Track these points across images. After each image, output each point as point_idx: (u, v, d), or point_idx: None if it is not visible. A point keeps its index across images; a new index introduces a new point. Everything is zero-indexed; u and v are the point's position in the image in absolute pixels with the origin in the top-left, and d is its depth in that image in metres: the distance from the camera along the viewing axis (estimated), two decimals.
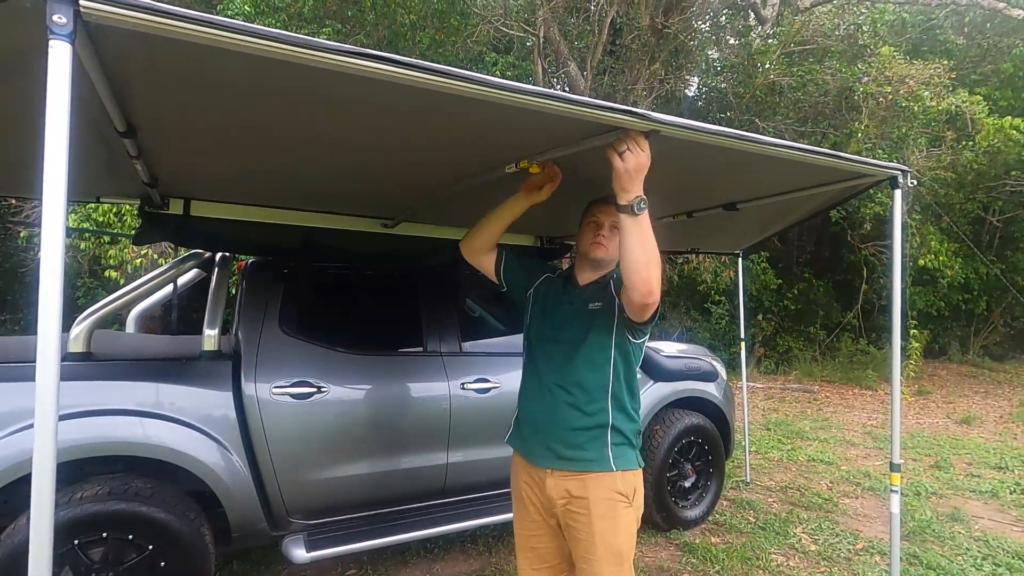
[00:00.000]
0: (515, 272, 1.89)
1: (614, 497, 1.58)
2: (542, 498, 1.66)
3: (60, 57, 0.88)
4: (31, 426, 0.93)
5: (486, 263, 1.89)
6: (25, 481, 1.83)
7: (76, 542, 1.94)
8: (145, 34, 0.94)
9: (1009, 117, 8.30)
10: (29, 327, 7.36)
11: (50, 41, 0.87)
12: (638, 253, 1.40)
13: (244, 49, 1.00)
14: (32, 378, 0.91)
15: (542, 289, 1.82)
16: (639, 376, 3.08)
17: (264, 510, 2.32)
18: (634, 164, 1.37)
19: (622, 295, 1.54)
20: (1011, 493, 4.31)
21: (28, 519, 0.92)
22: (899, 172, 2.02)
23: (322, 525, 2.46)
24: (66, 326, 2.22)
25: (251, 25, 0.99)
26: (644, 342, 1.71)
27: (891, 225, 2.15)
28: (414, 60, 1.11)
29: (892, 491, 2.17)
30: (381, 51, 1.10)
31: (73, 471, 2.01)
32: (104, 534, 1.97)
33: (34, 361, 0.91)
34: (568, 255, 4.02)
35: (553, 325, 1.72)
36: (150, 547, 2.03)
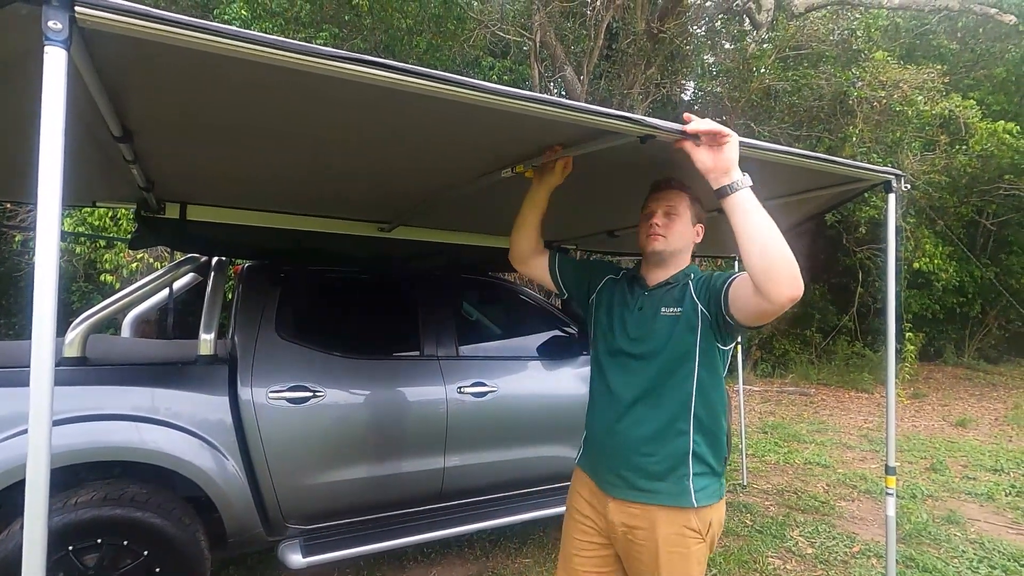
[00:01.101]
0: (572, 276, 1.72)
1: (685, 533, 1.40)
2: (602, 522, 1.51)
3: (56, 63, 0.88)
4: (25, 431, 0.93)
5: (537, 268, 1.74)
6: (19, 487, 1.82)
7: (71, 548, 1.92)
8: (141, 40, 0.94)
9: (1002, 121, 8.35)
10: (24, 332, 7.32)
11: (46, 47, 0.88)
12: (755, 238, 1.20)
13: (239, 55, 1.00)
14: (26, 383, 0.91)
15: (605, 293, 1.63)
16: None
17: (260, 515, 2.32)
18: (721, 155, 1.25)
19: (746, 298, 1.30)
20: (1006, 495, 4.32)
21: (22, 525, 0.91)
22: (893, 176, 2.03)
23: (319, 530, 2.46)
24: (61, 331, 2.22)
25: (246, 31, 0.99)
26: (729, 351, 1.48)
27: (885, 229, 2.16)
28: (410, 66, 1.11)
29: (887, 494, 2.17)
30: (378, 55, 1.10)
31: (68, 476, 2.00)
32: (99, 540, 1.97)
33: (28, 366, 0.91)
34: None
35: (624, 335, 1.51)
36: (145, 553, 2.02)
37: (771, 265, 1.21)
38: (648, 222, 1.54)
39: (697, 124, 1.29)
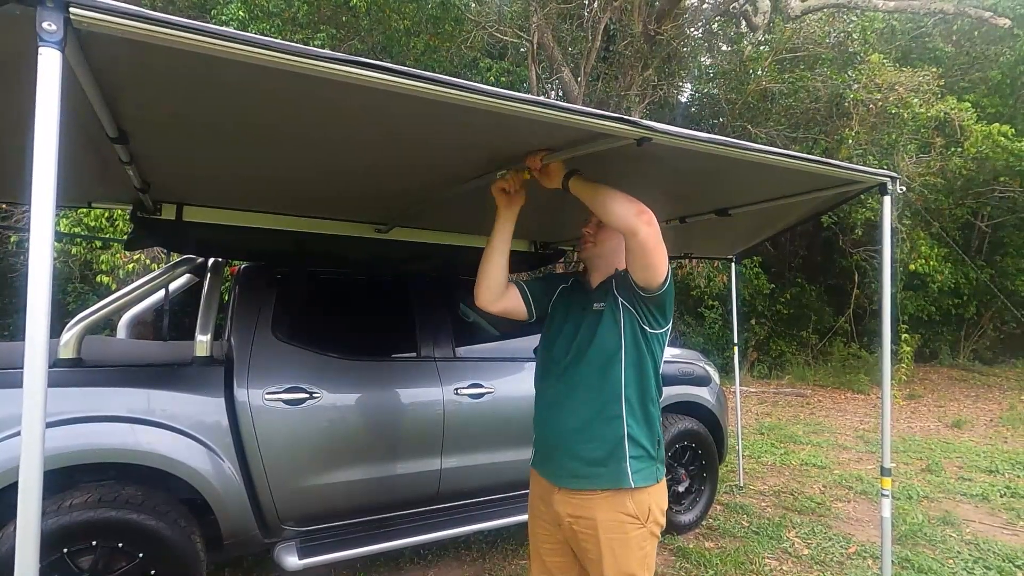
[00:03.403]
0: (541, 296, 1.78)
1: (623, 519, 1.50)
2: (550, 512, 1.62)
3: (50, 64, 0.88)
4: (19, 434, 0.92)
5: (509, 304, 1.71)
6: (12, 490, 1.81)
7: (65, 550, 1.91)
8: (136, 41, 0.94)
9: (997, 124, 8.41)
10: (18, 333, 7.28)
11: (40, 48, 0.87)
12: (598, 207, 1.49)
13: (235, 57, 1.00)
14: (20, 384, 0.90)
15: (559, 301, 1.77)
16: None
17: (256, 517, 2.31)
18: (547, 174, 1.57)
19: (631, 254, 1.49)
20: (1001, 496, 4.34)
21: (15, 528, 0.91)
22: (888, 179, 2.04)
23: (315, 532, 2.45)
24: (57, 332, 2.21)
25: (242, 33, 0.99)
26: (664, 333, 1.59)
27: (881, 231, 2.17)
28: (406, 68, 1.12)
29: (883, 495, 2.18)
30: (375, 57, 1.11)
31: (63, 479, 1.99)
32: (94, 542, 1.95)
33: (21, 367, 0.91)
34: (561, 260, 4.04)
35: (565, 333, 1.66)
36: (140, 555, 2.01)
37: (617, 214, 1.45)
38: (583, 233, 1.73)
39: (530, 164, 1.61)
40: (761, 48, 9.66)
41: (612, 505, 1.50)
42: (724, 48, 10.84)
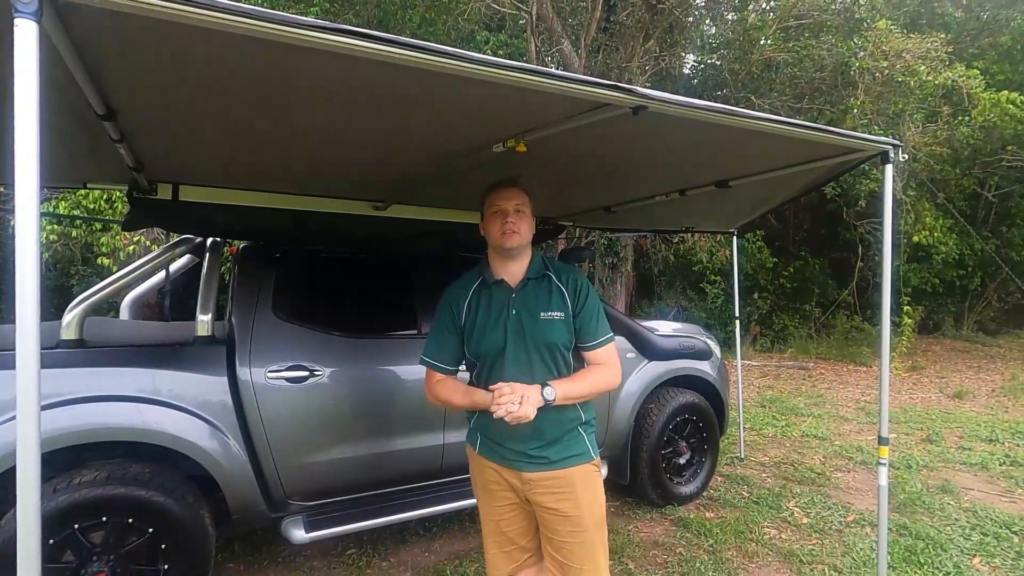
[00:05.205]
0: (454, 341, 1.72)
1: (591, 476, 1.65)
2: (517, 483, 1.65)
3: (26, 36, 0.86)
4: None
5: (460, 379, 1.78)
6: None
7: (76, 526, 1.96)
8: (117, 13, 0.92)
9: (1006, 92, 8.23)
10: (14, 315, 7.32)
11: (15, 20, 0.85)
12: (584, 398, 1.61)
13: (223, 28, 0.97)
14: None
15: (470, 308, 1.68)
16: (633, 355, 3.10)
17: (262, 493, 2.35)
18: (518, 413, 1.41)
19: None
20: (1000, 465, 4.38)
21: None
22: (890, 147, 2.00)
23: (321, 506, 2.49)
24: (60, 314, 2.22)
25: (229, 3, 0.96)
26: None
27: (882, 200, 2.14)
28: (395, 36, 1.09)
29: (880, 464, 2.20)
30: (369, 30, 1.08)
31: (71, 458, 2.02)
32: (104, 518, 1.99)
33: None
34: (562, 235, 4.01)
35: (506, 335, 1.60)
36: (150, 530, 2.05)
37: (611, 388, 1.70)
38: (503, 219, 1.60)
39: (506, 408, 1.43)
40: (766, 16, 9.44)
41: (585, 471, 1.64)
42: (728, 16, 10.59)
